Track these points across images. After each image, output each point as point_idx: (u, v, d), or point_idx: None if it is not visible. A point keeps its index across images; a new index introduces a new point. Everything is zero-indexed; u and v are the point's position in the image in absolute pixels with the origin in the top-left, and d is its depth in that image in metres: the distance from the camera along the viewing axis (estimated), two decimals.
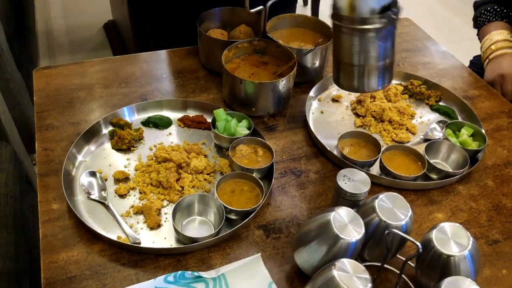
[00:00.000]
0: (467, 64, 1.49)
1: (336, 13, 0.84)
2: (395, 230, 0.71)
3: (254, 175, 0.94)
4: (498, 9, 1.38)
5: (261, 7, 1.11)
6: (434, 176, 1.00)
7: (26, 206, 1.31)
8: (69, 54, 2.80)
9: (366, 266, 0.81)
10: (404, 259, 0.76)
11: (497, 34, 1.33)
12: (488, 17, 1.41)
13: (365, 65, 0.87)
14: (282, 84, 1.07)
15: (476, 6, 1.50)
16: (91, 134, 1.03)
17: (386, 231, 0.72)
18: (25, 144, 1.65)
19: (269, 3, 1.11)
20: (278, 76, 1.13)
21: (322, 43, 1.16)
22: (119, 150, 1.02)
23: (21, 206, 1.26)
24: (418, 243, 0.69)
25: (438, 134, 1.12)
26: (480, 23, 1.43)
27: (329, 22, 1.26)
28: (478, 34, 1.45)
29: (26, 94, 1.82)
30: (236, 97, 1.11)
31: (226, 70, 1.08)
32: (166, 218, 0.89)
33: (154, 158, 0.99)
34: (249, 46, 1.18)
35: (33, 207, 1.32)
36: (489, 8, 1.40)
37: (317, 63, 1.21)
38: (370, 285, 0.65)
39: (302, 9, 3.35)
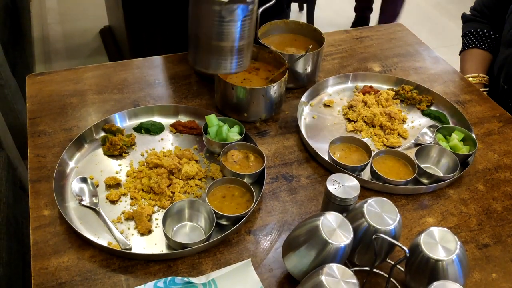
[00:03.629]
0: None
1: None
2: (383, 235, 0.71)
3: (245, 180, 0.94)
4: (480, 32, 1.45)
5: None
6: (425, 181, 1.01)
7: (19, 212, 1.31)
8: (65, 59, 2.81)
9: (355, 271, 0.82)
10: (393, 263, 0.77)
11: (472, 77, 1.43)
12: (469, 42, 1.50)
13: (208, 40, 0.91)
14: (274, 89, 1.08)
15: (463, 20, 1.55)
16: (83, 140, 1.03)
17: (374, 236, 0.72)
18: (19, 150, 1.65)
19: (261, 9, 1.12)
20: (270, 82, 1.13)
21: (313, 49, 1.16)
22: (111, 156, 1.02)
23: (14, 212, 1.26)
24: (405, 248, 0.69)
25: (429, 138, 1.12)
26: (462, 44, 1.52)
27: (321, 28, 1.28)
28: (459, 54, 1.54)
29: (21, 100, 1.82)
30: (228, 103, 1.11)
31: (218, 76, 1.09)
32: (157, 224, 0.89)
33: (145, 164, 1.00)
34: None
35: (27, 212, 1.32)
36: (472, 31, 1.48)
37: (308, 69, 1.21)
38: None
39: (298, 15, 3.36)
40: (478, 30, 1.47)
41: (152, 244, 0.86)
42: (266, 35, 1.26)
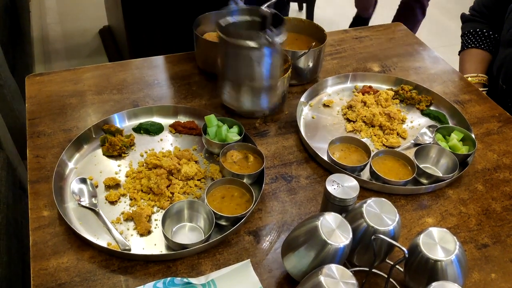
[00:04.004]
0: None
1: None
2: (382, 236, 0.71)
3: (244, 180, 0.94)
4: (480, 32, 1.44)
5: None
6: (424, 181, 1.01)
7: (19, 212, 1.31)
8: (65, 60, 2.81)
9: (355, 271, 0.82)
10: (392, 263, 0.77)
11: (471, 77, 1.43)
12: (468, 42, 1.49)
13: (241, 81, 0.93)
14: (278, 85, 1.09)
15: (463, 20, 1.55)
16: (82, 141, 1.03)
17: (373, 237, 0.72)
18: (19, 151, 1.65)
19: (265, 5, 1.13)
20: None
21: (315, 46, 1.17)
22: (110, 156, 1.02)
23: (13, 212, 1.26)
24: (404, 248, 0.69)
25: (428, 138, 1.12)
26: (461, 44, 1.52)
27: (323, 25, 1.29)
28: (459, 53, 1.54)
29: (21, 100, 1.82)
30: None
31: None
32: (156, 225, 0.89)
33: (145, 164, 1.00)
34: None
35: (26, 213, 1.32)
36: (471, 30, 1.48)
37: (311, 65, 1.23)
38: None
39: (297, 14, 3.36)
40: (478, 30, 1.47)
41: (152, 244, 0.86)
42: None
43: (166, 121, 1.11)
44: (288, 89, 1.19)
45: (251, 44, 0.89)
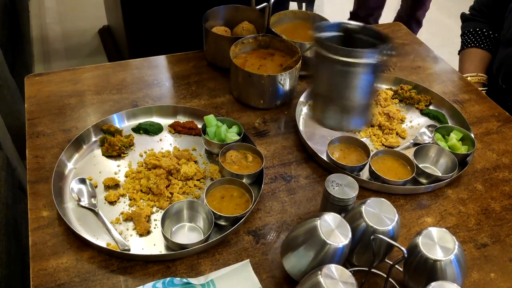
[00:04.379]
0: None
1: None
2: (381, 236, 0.72)
3: (244, 180, 0.94)
4: (479, 31, 1.45)
5: (265, 3, 1.17)
6: (423, 181, 1.01)
7: (18, 212, 1.31)
8: (64, 60, 2.81)
9: (354, 271, 0.82)
10: (392, 263, 0.77)
11: (470, 77, 1.43)
12: (468, 41, 1.49)
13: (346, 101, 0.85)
14: (289, 76, 1.12)
15: (462, 19, 1.55)
16: (82, 141, 1.03)
17: (372, 236, 0.72)
18: (19, 151, 1.65)
19: (259, 7, 1.15)
20: (284, 69, 1.17)
21: None
22: (109, 156, 1.02)
23: (13, 212, 1.26)
24: (403, 248, 0.69)
25: (427, 138, 1.12)
26: (461, 43, 1.52)
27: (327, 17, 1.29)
28: (458, 53, 1.54)
29: (20, 100, 1.82)
30: (244, 91, 1.15)
31: (234, 64, 1.13)
32: (156, 225, 0.89)
33: (144, 164, 1.00)
34: (254, 42, 1.23)
35: (26, 213, 1.32)
36: (471, 30, 1.48)
37: None
38: None
39: None
40: (477, 29, 1.47)
41: (151, 245, 0.86)
42: (275, 25, 1.30)
43: (165, 121, 1.11)
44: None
45: (370, 60, 0.80)
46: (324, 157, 1.03)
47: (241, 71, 1.12)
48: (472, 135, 1.09)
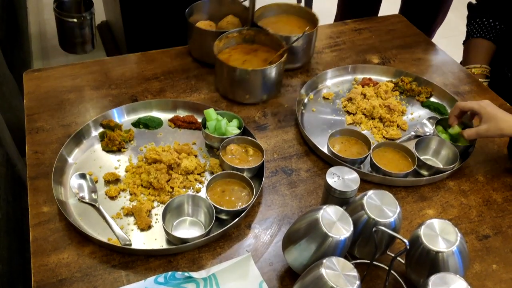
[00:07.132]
0: (460, 59, 1.49)
1: None
2: (383, 228, 0.71)
3: (244, 174, 0.94)
4: (486, 22, 1.43)
5: None
6: (425, 172, 1.00)
7: (19, 208, 1.31)
8: (63, 55, 2.78)
9: (356, 264, 0.82)
10: (393, 255, 0.76)
11: (474, 68, 1.41)
12: (473, 31, 1.46)
13: None
14: (274, 70, 1.11)
15: (469, 9, 1.53)
16: (81, 136, 1.03)
17: (374, 229, 0.72)
18: (18, 147, 1.65)
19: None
20: (269, 63, 1.15)
21: (309, 29, 1.18)
22: (109, 151, 1.02)
23: (14, 209, 1.26)
24: (405, 240, 0.69)
25: (428, 130, 1.12)
26: (467, 33, 1.50)
27: (321, 17, 1.29)
28: (463, 43, 1.51)
29: (19, 96, 1.81)
30: (229, 86, 1.14)
31: (219, 60, 1.11)
32: (157, 219, 0.89)
33: (144, 159, 0.99)
34: (239, 36, 1.21)
35: (27, 209, 1.32)
36: (477, 20, 1.46)
37: (304, 49, 1.24)
38: (358, 282, 0.65)
39: None
40: (484, 20, 1.45)
41: (152, 239, 0.86)
42: (260, 18, 1.28)
43: (165, 116, 1.11)
44: (286, 81, 1.19)
45: None
46: (325, 150, 1.02)
47: (226, 67, 1.11)
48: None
